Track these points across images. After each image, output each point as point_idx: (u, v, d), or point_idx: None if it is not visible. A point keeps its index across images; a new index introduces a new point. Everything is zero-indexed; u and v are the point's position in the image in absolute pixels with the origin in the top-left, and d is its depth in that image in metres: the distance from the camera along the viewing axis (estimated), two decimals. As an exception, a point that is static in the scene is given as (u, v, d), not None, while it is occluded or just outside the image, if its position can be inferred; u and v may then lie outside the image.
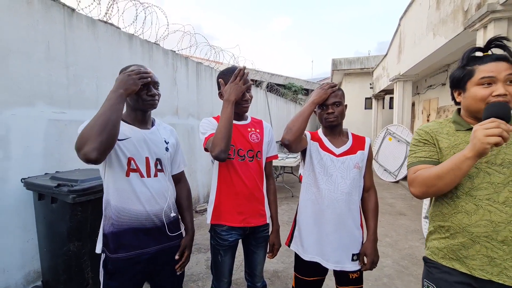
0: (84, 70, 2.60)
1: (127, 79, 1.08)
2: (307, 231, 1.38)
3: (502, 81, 0.90)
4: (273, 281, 2.45)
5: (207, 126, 1.36)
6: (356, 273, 1.34)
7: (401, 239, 3.40)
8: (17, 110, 2.08)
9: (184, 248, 1.31)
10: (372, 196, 1.40)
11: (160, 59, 3.71)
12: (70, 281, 1.91)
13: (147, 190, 1.18)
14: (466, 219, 0.95)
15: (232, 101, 1.26)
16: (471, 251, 0.94)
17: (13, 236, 2.07)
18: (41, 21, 2.24)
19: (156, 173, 1.22)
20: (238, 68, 1.32)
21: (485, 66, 0.93)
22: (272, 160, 1.55)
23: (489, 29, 3.04)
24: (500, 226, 0.89)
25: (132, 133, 1.17)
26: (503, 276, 0.89)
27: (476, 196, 0.93)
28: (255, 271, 1.51)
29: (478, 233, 0.92)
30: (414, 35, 5.77)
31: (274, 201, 1.53)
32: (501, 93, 0.89)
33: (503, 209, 0.89)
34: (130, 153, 1.15)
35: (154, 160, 1.22)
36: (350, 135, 1.43)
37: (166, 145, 1.29)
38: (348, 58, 13.28)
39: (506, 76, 0.90)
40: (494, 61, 0.92)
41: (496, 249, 0.90)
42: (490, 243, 0.91)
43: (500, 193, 0.90)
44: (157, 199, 1.21)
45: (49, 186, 1.84)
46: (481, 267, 0.92)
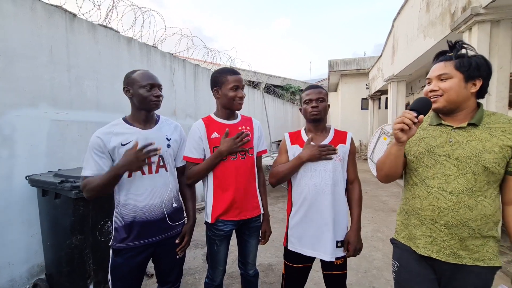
0: (85, 72, 2.70)
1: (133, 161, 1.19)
2: (301, 229, 1.44)
3: (435, 80, 1.06)
4: (267, 273, 2.55)
5: (192, 147, 1.48)
6: (341, 259, 1.43)
7: (392, 234, 3.51)
8: (21, 111, 2.18)
9: (185, 233, 1.46)
10: (356, 187, 1.48)
11: (158, 62, 3.82)
12: (73, 273, 2.01)
13: (148, 186, 1.31)
14: (419, 204, 1.10)
15: (223, 154, 1.43)
16: (418, 232, 1.10)
17: (18, 231, 2.17)
18: (44, 26, 2.34)
19: (158, 169, 1.34)
20: (245, 133, 1.48)
21: (431, 68, 1.09)
22: (261, 154, 1.65)
23: (474, 31, 3.17)
24: (444, 211, 1.03)
25: (134, 135, 1.29)
26: (440, 253, 1.04)
27: (429, 184, 1.07)
28: (248, 259, 1.61)
29: (425, 216, 1.07)
30: (407, 37, 5.91)
31: (264, 192, 1.63)
32: (430, 89, 1.08)
33: (449, 197, 1.02)
34: None
35: (157, 156, 1.33)
36: (332, 130, 1.51)
37: (168, 142, 1.40)
38: (344, 59, 13.42)
39: (437, 76, 1.06)
40: (436, 63, 1.09)
41: (438, 231, 1.04)
42: (434, 225, 1.05)
43: (449, 184, 1.03)
44: (157, 193, 1.34)
45: (53, 182, 1.94)
46: (424, 246, 1.07)
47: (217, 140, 1.47)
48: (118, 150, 1.26)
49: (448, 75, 1.04)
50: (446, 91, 1.04)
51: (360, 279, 2.47)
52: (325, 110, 1.44)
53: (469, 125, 1.04)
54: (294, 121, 13.30)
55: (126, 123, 1.33)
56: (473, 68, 1.01)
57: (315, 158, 1.39)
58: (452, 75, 1.03)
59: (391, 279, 2.54)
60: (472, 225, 1.00)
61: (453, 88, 1.03)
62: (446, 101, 1.05)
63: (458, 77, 1.02)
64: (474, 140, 1.02)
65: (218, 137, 1.48)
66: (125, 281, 1.32)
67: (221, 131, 1.49)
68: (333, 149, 1.39)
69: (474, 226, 0.99)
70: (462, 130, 1.05)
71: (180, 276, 1.54)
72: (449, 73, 1.03)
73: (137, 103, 1.32)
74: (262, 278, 2.44)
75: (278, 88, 12.29)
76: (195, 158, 1.48)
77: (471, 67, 1.01)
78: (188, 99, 4.51)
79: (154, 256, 1.41)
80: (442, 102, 1.05)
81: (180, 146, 1.50)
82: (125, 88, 1.34)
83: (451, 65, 1.03)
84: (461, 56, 1.04)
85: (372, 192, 5.72)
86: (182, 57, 4.48)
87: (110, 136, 1.26)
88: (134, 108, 1.35)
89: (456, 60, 1.04)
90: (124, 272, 1.30)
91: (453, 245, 1.02)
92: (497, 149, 0.99)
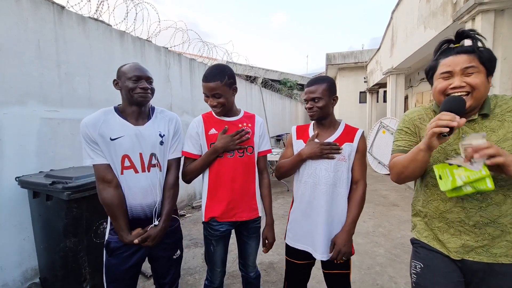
0: (76, 68, 2.59)
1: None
2: (298, 224, 1.41)
3: (459, 74, 0.93)
4: (269, 272, 2.50)
5: (190, 142, 1.43)
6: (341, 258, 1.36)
7: (394, 229, 3.48)
8: (9, 109, 2.08)
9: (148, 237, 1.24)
10: (359, 189, 1.36)
11: (152, 56, 3.71)
12: (68, 277, 1.94)
13: (141, 185, 1.25)
14: (442, 206, 1.02)
15: (219, 150, 1.37)
16: (446, 235, 1.02)
17: (10, 234, 2.09)
18: (31, 19, 2.23)
19: (149, 168, 1.27)
20: (245, 131, 1.41)
21: (445, 60, 0.97)
22: (265, 154, 1.55)
23: (477, 21, 3.09)
24: (471, 212, 0.96)
25: (125, 130, 1.22)
26: (473, 254, 0.97)
27: None
28: (248, 261, 1.55)
29: (452, 219, 0.99)
30: (406, 28, 5.81)
31: (268, 195, 1.54)
32: (456, 85, 0.93)
33: (474, 196, 0.95)
34: (124, 150, 1.21)
35: (148, 154, 1.27)
36: (342, 127, 1.40)
37: (161, 139, 1.31)
38: (342, 52, 13.30)
39: (463, 69, 0.92)
40: (454, 55, 0.95)
41: (469, 232, 0.97)
42: (463, 227, 0.98)
43: None
44: (149, 192, 1.27)
45: (43, 183, 1.86)
46: (456, 250, 1.00)
47: (214, 136, 1.41)
48: (107, 143, 1.19)
49: (475, 69, 0.92)
50: (476, 87, 0.91)
51: (363, 276, 2.43)
52: (322, 109, 1.33)
53: (479, 116, 0.97)
54: (292, 115, 13.22)
55: (118, 115, 1.26)
56: (493, 62, 0.93)
57: (315, 156, 1.31)
58: (479, 69, 0.92)
59: (395, 275, 2.53)
60: (504, 221, 0.93)
61: (483, 83, 0.92)
62: (475, 99, 0.93)
63: (483, 72, 0.92)
64: (486, 132, 0.95)
65: (216, 133, 1.41)
66: (120, 282, 1.26)
67: (220, 128, 1.42)
68: (337, 148, 1.30)
69: (506, 222, 0.93)
70: (473, 123, 0.97)
71: (177, 277, 1.49)
72: (476, 66, 0.92)
73: (125, 96, 1.26)
74: (263, 277, 2.39)
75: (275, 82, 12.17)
76: (192, 153, 1.43)
77: (491, 61, 0.92)
78: (184, 95, 4.41)
79: (150, 256, 1.38)
80: (471, 101, 0.92)
81: (173, 137, 1.38)
82: (114, 81, 1.29)
83: (475, 58, 0.92)
84: (480, 47, 0.95)
85: (371, 186, 5.68)
86: (177, 51, 4.36)
87: (98, 125, 1.20)
88: (124, 102, 1.29)
89: (477, 53, 0.93)
90: (119, 272, 1.25)
91: (486, 244, 0.95)
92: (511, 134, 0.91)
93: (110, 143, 1.19)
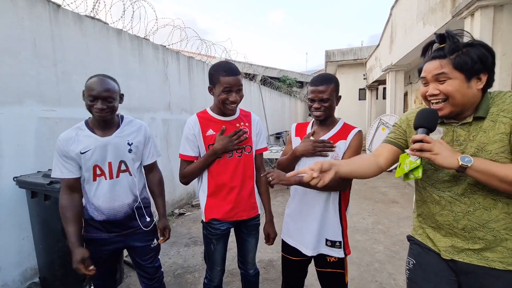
0: (73, 67, 2.58)
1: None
2: (292, 220, 1.44)
3: (432, 81, 0.91)
4: (268, 270, 2.51)
5: (187, 144, 1.42)
6: (334, 257, 1.36)
7: (393, 226, 3.48)
8: (6, 108, 2.07)
9: (164, 228, 1.53)
10: None
11: (150, 54, 3.69)
12: (67, 277, 1.95)
13: (110, 190, 1.36)
14: (433, 208, 1.01)
15: (218, 152, 1.36)
16: (437, 235, 1.02)
17: (9, 234, 2.09)
18: (26, 18, 2.21)
19: (119, 174, 1.38)
20: (242, 131, 1.40)
21: (424, 66, 0.94)
22: (261, 152, 1.56)
23: (476, 16, 3.08)
24: (459, 215, 0.94)
25: (94, 143, 1.32)
26: (463, 255, 0.96)
27: (440, 188, 0.98)
28: (247, 258, 1.55)
29: (441, 221, 0.99)
30: (405, 25, 5.78)
31: (266, 192, 1.55)
32: (430, 94, 0.92)
33: (461, 199, 0.93)
34: (94, 161, 1.32)
35: (117, 162, 1.37)
36: (339, 125, 1.39)
37: (129, 147, 1.39)
38: (341, 49, 13.25)
39: (434, 76, 0.89)
40: (429, 61, 0.92)
41: (459, 235, 0.96)
42: (453, 230, 0.96)
43: (460, 185, 0.93)
44: (120, 196, 1.38)
45: (41, 183, 1.85)
46: (445, 249, 0.99)
47: (212, 137, 1.39)
48: (78, 157, 1.30)
49: (446, 75, 0.87)
50: (449, 94, 0.88)
51: (363, 273, 2.43)
52: (329, 110, 1.32)
53: (475, 119, 0.91)
54: (292, 113, 13.20)
55: (88, 129, 1.34)
56: (474, 63, 0.84)
57: (308, 154, 1.32)
58: (452, 76, 0.87)
59: (394, 272, 2.54)
60: (495, 226, 0.89)
61: (457, 89, 0.86)
62: (453, 106, 0.89)
63: (459, 77, 0.86)
64: (479, 133, 0.90)
65: (213, 134, 1.40)
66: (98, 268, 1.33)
67: (217, 128, 1.40)
68: (331, 146, 1.30)
69: (497, 227, 0.89)
70: (467, 125, 0.92)
71: (158, 267, 1.56)
72: (447, 73, 0.87)
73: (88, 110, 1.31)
74: (263, 275, 2.40)
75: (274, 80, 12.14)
76: (189, 155, 1.42)
77: (471, 63, 0.84)
78: (183, 93, 4.39)
79: (128, 247, 1.48)
80: (448, 108, 0.90)
81: (145, 145, 1.47)
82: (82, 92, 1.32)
83: (448, 64, 0.87)
84: (456, 50, 0.87)
85: (371, 183, 5.69)
86: (175, 49, 4.33)
87: (71, 142, 1.30)
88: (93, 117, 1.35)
89: (452, 57, 0.87)
90: (95, 260, 1.33)
91: (480, 248, 0.92)
92: (500, 136, 0.85)
93: (81, 156, 1.30)
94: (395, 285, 2.27)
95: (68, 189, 1.34)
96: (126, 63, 3.24)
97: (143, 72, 3.51)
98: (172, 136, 4.09)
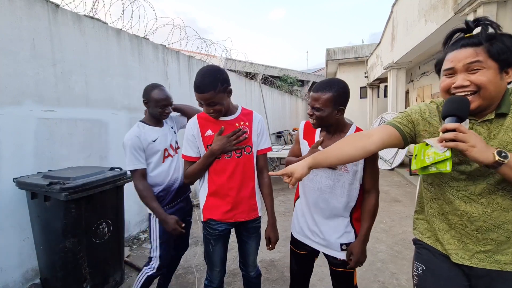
0: (72, 67, 2.56)
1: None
2: (301, 218, 1.42)
3: (462, 71, 0.83)
4: (270, 270, 2.50)
5: (187, 145, 1.43)
6: None
7: (395, 225, 3.46)
8: (4, 109, 2.06)
9: None
10: (371, 198, 1.31)
11: (150, 54, 3.67)
12: (68, 278, 1.94)
13: (176, 164, 1.76)
14: (445, 206, 0.95)
15: (216, 153, 1.35)
16: (446, 236, 0.96)
17: (9, 236, 2.08)
18: (25, 18, 2.19)
19: (176, 151, 1.80)
20: (242, 131, 1.38)
21: (449, 55, 0.87)
22: (265, 152, 1.50)
23: (479, 13, 3.04)
24: (474, 216, 0.88)
25: (157, 133, 1.71)
26: (474, 259, 0.90)
27: (454, 186, 0.92)
28: (248, 261, 1.53)
29: (453, 221, 0.93)
30: (406, 22, 5.74)
31: (269, 194, 1.50)
32: (458, 85, 0.83)
33: (478, 200, 0.88)
34: (163, 146, 1.71)
35: (174, 143, 1.80)
36: (352, 131, 1.31)
37: (173, 130, 1.86)
38: (342, 47, 13.21)
39: (466, 66, 0.81)
40: (458, 49, 0.84)
41: (471, 236, 0.90)
42: (465, 230, 0.91)
43: (477, 185, 0.88)
44: (180, 168, 1.77)
45: (41, 184, 1.84)
46: (456, 252, 0.93)
47: (211, 138, 1.37)
48: (150, 145, 1.65)
49: (480, 64, 0.79)
50: (482, 86, 0.80)
51: (365, 272, 2.41)
52: (322, 119, 1.24)
53: (496, 116, 0.84)
54: (293, 112, 13.18)
55: (147, 125, 1.72)
56: (510, 53, 0.78)
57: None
58: (486, 65, 0.79)
59: (397, 271, 2.52)
60: (510, 228, 0.85)
61: (490, 80, 0.79)
62: (483, 99, 0.81)
63: (493, 67, 0.79)
64: (500, 132, 0.84)
65: (212, 135, 1.37)
66: None
67: (216, 128, 1.37)
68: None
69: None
70: (487, 122, 0.86)
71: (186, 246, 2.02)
72: (482, 62, 0.79)
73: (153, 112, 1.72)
74: (264, 275, 2.38)
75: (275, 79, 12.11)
76: (190, 156, 1.42)
77: (509, 52, 0.78)
78: (183, 93, 4.38)
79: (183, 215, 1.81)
80: (478, 101, 0.82)
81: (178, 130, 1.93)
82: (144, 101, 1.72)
83: (483, 52, 0.79)
84: (492, 38, 0.80)
85: (373, 182, 5.65)
86: (175, 49, 4.31)
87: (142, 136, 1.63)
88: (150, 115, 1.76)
89: (487, 44, 0.79)
90: None
91: (490, 250, 0.88)
92: None
93: (153, 143, 1.66)
94: (398, 285, 2.26)
95: (141, 176, 1.63)
96: (126, 63, 3.22)
97: (143, 71, 3.50)
98: (172, 135, 4.08)
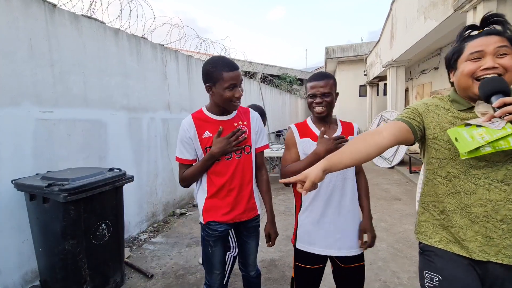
0: (70, 67, 2.55)
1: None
2: (314, 227, 1.33)
3: (491, 54, 0.86)
4: (270, 269, 2.49)
5: (182, 147, 1.38)
6: None
7: (396, 223, 3.45)
8: (2, 110, 2.04)
9: None
10: (362, 177, 1.44)
11: (148, 53, 3.65)
12: (67, 279, 1.93)
13: None
14: (466, 199, 0.92)
15: (216, 156, 1.31)
16: (469, 232, 0.92)
17: (8, 237, 2.07)
18: (21, 18, 2.17)
19: None
20: (241, 131, 1.34)
21: (474, 41, 0.89)
22: (262, 150, 1.50)
23: (479, 10, 3.02)
24: (499, 204, 0.87)
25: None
26: (500, 255, 0.88)
27: (475, 174, 0.90)
28: (248, 261, 1.52)
29: (477, 213, 0.90)
30: (406, 20, 5.72)
31: (267, 191, 1.50)
32: (489, 66, 0.85)
33: (501, 187, 0.87)
34: None
35: None
36: (339, 122, 1.42)
37: None
38: (341, 45, 13.18)
39: (496, 49, 0.85)
40: (484, 36, 0.89)
41: (495, 229, 0.88)
42: (490, 222, 0.89)
43: (498, 171, 0.87)
44: None
45: (39, 186, 1.83)
46: (480, 249, 0.90)
47: (209, 139, 1.34)
48: None
49: (508, 49, 0.85)
50: (509, 69, 0.84)
51: (366, 271, 2.38)
52: (331, 105, 1.31)
53: None
54: (292, 111, 13.16)
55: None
56: None
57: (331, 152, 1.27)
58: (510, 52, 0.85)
59: (398, 270, 2.51)
60: None
61: None
62: (509, 82, 0.86)
63: None
64: None
65: (210, 136, 1.34)
66: None
67: (214, 129, 1.34)
68: (346, 140, 1.27)
69: None
70: None
71: None
72: (509, 47, 0.85)
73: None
74: (265, 275, 2.38)
75: (274, 77, 12.08)
76: (186, 159, 1.38)
77: None
78: (182, 92, 4.36)
79: None
80: None
81: None
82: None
83: (506, 41, 0.87)
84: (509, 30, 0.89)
85: (372, 180, 5.66)
86: (173, 48, 4.29)
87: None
88: None
89: (508, 35, 0.87)
90: None
91: None
92: None
93: None
94: (399, 284, 2.25)
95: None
96: (124, 63, 3.20)
97: (141, 71, 3.48)
98: (172, 135, 4.06)
